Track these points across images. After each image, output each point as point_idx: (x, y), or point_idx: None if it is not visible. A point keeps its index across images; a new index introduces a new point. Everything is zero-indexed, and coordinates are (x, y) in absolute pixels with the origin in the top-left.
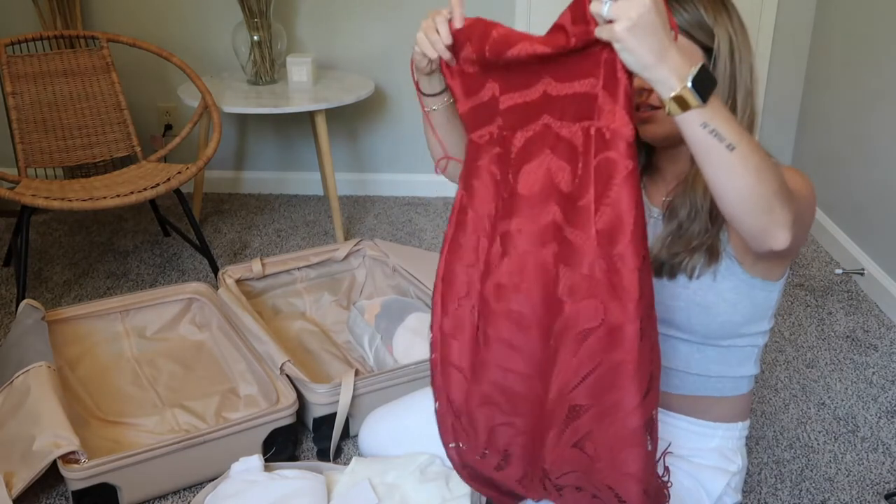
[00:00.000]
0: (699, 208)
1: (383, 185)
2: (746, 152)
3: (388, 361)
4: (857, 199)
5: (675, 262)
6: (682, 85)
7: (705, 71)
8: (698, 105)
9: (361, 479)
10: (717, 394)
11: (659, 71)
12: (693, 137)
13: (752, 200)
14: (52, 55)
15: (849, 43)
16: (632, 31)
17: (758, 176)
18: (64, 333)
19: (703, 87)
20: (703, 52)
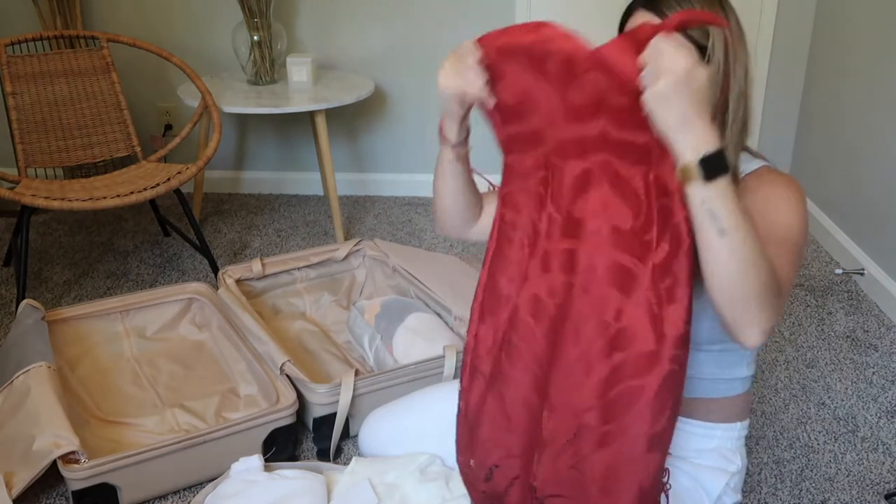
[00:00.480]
0: None
1: (383, 185)
2: (736, 243)
3: (388, 361)
4: (858, 199)
5: None
6: (692, 159)
7: (720, 154)
8: (700, 182)
9: (361, 479)
10: (713, 395)
11: (677, 138)
12: (692, 209)
13: (729, 293)
14: (52, 55)
15: (848, 43)
16: (656, 97)
17: (742, 270)
18: (64, 333)
19: (711, 168)
20: (697, 49)
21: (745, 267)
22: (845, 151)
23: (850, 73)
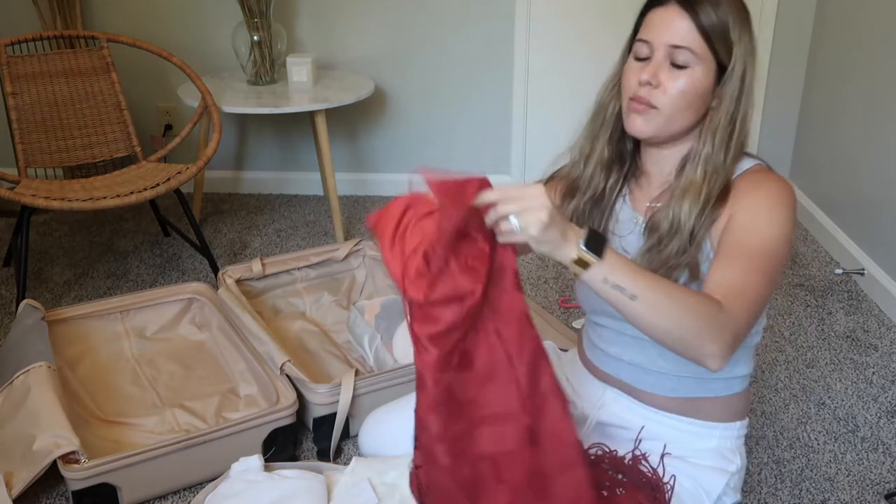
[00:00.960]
0: (681, 225)
1: (383, 185)
2: (651, 301)
3: (388, 361)
4: (858, 199)
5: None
6: (577, 249)
7: (593, 232)
8: (596, 261)
9: (361, 478)
10: (711, 394)
11: (563, 249)
12: (601, 293)
13: (669, 342)
14: (52, 55)
15: (849, 43)
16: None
17: (668, 320)
18: (64, 333)
19: (594, 246)
20: (716, 65)
21: (669, 317)
22: (845, 151)
23: (850, 73)
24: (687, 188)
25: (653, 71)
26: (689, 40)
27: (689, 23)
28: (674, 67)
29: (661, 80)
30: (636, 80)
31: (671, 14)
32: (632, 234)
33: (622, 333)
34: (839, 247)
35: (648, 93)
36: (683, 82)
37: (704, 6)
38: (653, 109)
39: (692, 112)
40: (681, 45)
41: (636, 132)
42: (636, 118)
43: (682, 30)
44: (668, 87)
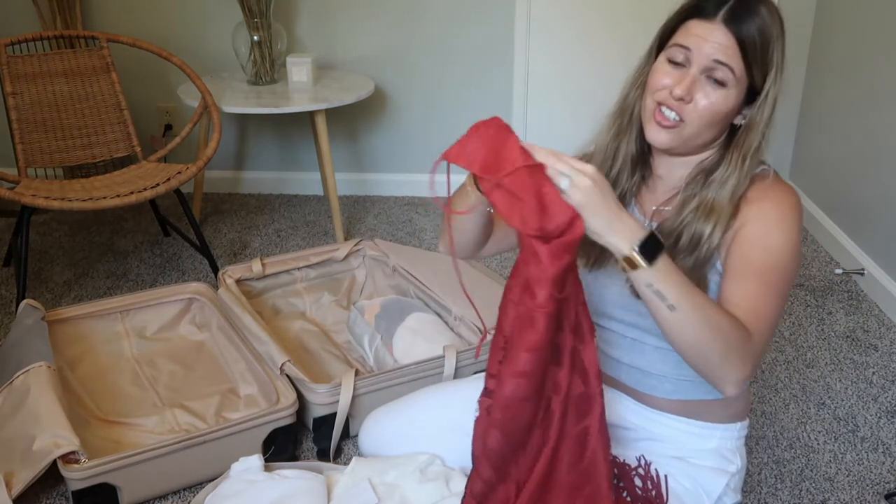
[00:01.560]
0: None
1: (383, 185)
2: (687, 314)
3: (388, 361)
4: (858, 200)
5: None
6: (630, 250)
7: (653, 237)
8: (645, 267)
9: (361, 478)
10: (711, 396)
11: (611, 239)
12: (641, 293)
13: (693, 357)
14: (52, 55)
15: (848, 43)
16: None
17: (699, 336)
18: (64, 333)
19: (649, 252)
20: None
21: (701, 333)
22: (845, 151)
23: (851, 73)
24: (712, 209)
25: (688, 86)
26: (731, 59)
27: (734, 41)
28: (709, 83)
29: (695, 96)
30: (667, 88)
31: (716, 29)
32: None
33: (623, 336)
34: (839, 247)
35: (679, 106)
36: (717, 101)
37: (752, 25)
38: (679, 124)
39: (717, 129)
40: (722, 61)
41: (657, 143)
42: (660, 130)
43: (728, 48)
44: (701, 104)
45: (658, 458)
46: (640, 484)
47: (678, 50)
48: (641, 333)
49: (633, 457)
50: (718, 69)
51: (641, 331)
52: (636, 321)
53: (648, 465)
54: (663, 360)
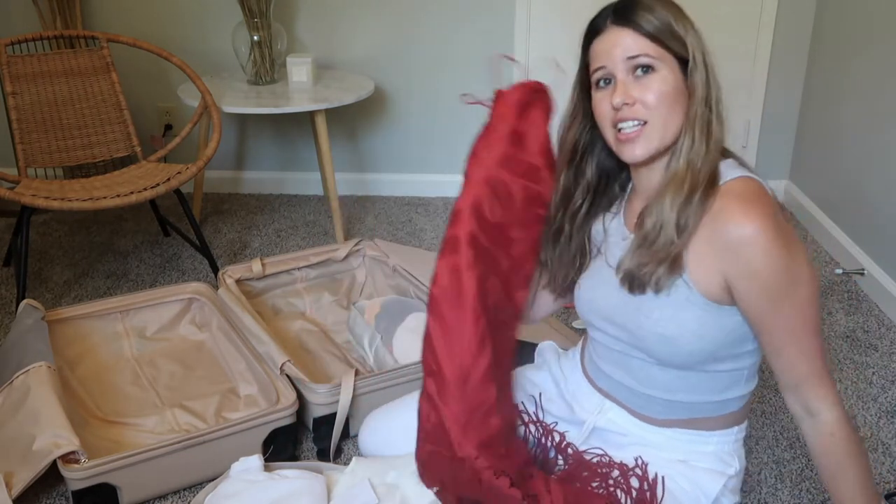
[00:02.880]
0: (665, 219)
1: (383, 185)
2: None
3: (388, 361)
4: (858, 200)
5: (642, 273)
6: None
7: None
8: None
9: (361, 479)
10: (706, 415)
11: None
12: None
13: None
14: (52, 55)
15: (848, 43)
16: None
17: None
18: (64, 333)
19: None
20: (677, 62)
21: None
22: (845, 152)
23: (851, 73)
24: (669, 181)
25: (622, 90)
26: (642, 47)
27: (633, 34)
28: (640, 77)
29: (635, 94)
30: (610, 107)
31: (613, 35)
32: (618, 249)
33: (610, 349)
34: (839, 247)
35: (628, 113)
36: (656, 86)
37: (640, 14)
38: (644, 126)
39: (679, 113)
40: (636, 54)
41: (635, 158)
42: (632, 147)
43: (630, 42)
44: (645, 97)
45: (655, 460)
46: (637, 485)
47: (597, 74)
48: (626, 346)
49: (630, 458)
50: (637, 60)
51: (626, 344)
52: (619, 334)
53: (646, 466)
54: (651, 380)
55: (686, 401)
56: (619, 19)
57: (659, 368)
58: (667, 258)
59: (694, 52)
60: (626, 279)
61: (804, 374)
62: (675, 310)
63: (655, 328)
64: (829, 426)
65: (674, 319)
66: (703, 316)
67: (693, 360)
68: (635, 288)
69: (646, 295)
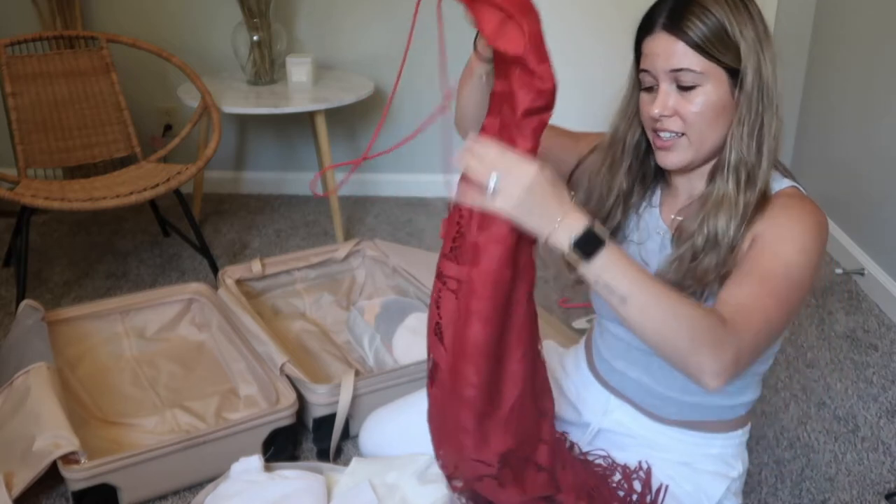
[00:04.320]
0: (718, 240)
1: (383, 185)
2: (641, 304)
3: (387, 362)
4: (858, 199)
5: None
6: (566, 246)
7: (588, 232)
8: (585, 264)
9: (361, 479)
10: (715, 418)
11: (545, 237)
12: (594, 288)
13: (661, 349)
14: (52, 55)
15: (848, 44)
16: (515, 209)
17: (660, 326)
18: (64, 334)
19: (585, 247)
20: (726, 73)
21: (661, 322)
22: (845, 151)
23: (850, 73)
24: (720, 201)
25: (662, 102)
26: (687, 61)
27: (681, 44)
28: (682, 90)
29: (674, 107)
30: (650, 114)
31: (661, 40)
32: (654, 244)
33: (630, 346)
34: (839, 247)
35: (667, 123)
36: (698, 103)
37: (691, 20)
38: (680, 138)
39: (720, 127)
40: (680, 67)
41: (669, 165)
42: (666, 154)
43: (677, 53)
44: (684, 112)
45: (660, 463)
46: (640, 488)
47: (644, 76)
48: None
49: (634, 460)
50: (681, 76)
51: None
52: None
53: (650, 470)
54: (669, 380)
55: (700, 403)
56: (669, 23)
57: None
58: (715, 281)
59: (746, 64)
60: None
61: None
62: None
63: None
64: None
65: None
66: None
67: None
68: None
69: None
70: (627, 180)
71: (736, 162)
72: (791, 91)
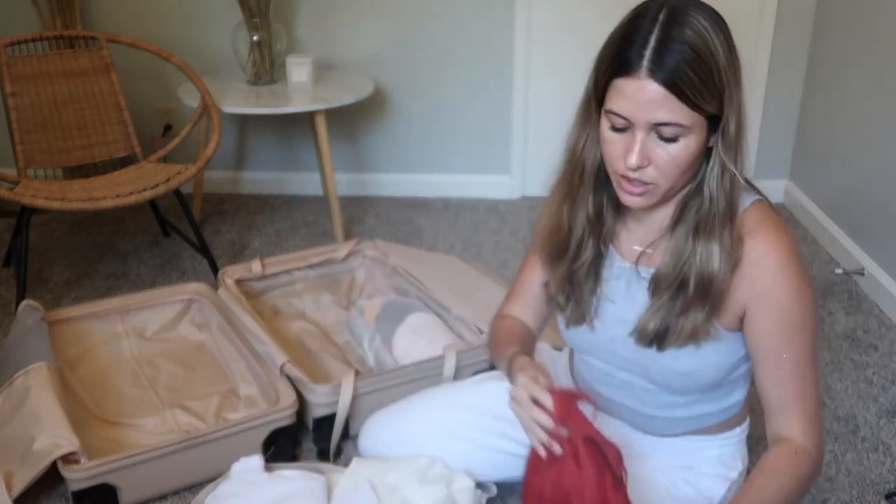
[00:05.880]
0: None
1: (383, 185)
2: None
3: (387, 362)
4: (858, 199)
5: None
6: None
7: None
8: None
9: (362, 479)
10: (707, 424)
11: None
12: None
13: None
14: (52, 55)
15: (849, 43)
16: None
17: None
18: (64, 334)
19: None
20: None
21: None
22: (845, 151)
23: (851, 73)
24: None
25: (640, 153)
26: (672, 112)
27: (668, 93)
28: (661, 140)
29: (651, 157)
30: (621, 160)
31: (645, 87)
32: (617, 280)
33: (613, 376)
34: (839, 247)
35: (640, 174)
36: (677, 153)
37: (682, 68)
38: (650, 186)
39: (691, 171)
40: (663, 121)
41: (633, 206)
42: (630, 198)
43: (665, 106)
44: (661, 163)
45: (659, 467)
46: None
47: (615, 118)
48: (631, 375)
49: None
50: (664, 129)
51: (631, 373)
52: (627, 366)
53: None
54: (656, 402)
55: (689, 416)
56: (656, 69)
57: (668, 393)
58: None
59: (729, 112)
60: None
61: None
62: (696, 346)
63: (674, 365)
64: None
65: (695, 355)
66: (723, 347)
67: (709, 387)
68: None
69: None
70: (594, 206)
71: (717, 211)
72: (791, 91)
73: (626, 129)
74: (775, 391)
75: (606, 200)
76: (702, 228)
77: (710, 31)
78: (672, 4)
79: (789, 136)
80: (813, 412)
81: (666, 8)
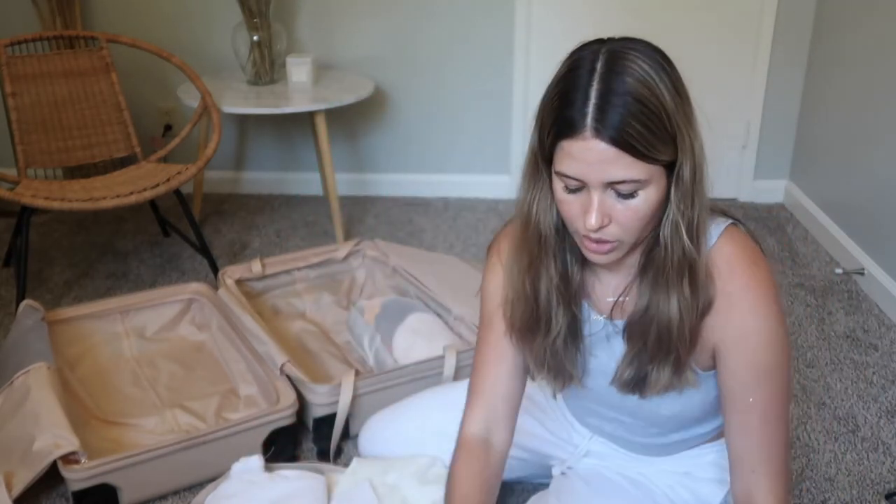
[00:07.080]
0: (672, 327)
1: (383, 185)
2: None
3: (387, 362)
4: (858, 199)
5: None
6: None
7: None
8: None
9: (362, 479)
10: (702, 441)
11: None
12: None
13: None
14: (52, 55)
15: (849, 43)
16: None
17: None
18: (64, 334)
19: None
20: (664, 169)
21: None
22: (845, 151)
23: (851, 73)
24: (660, 297)
25: (600, 214)
26: (629, 171)
27: (618, 153)
28: (620, 197)
29: (611, 214)
30: (580, 220)
31: (593, 148)
32: (597, 334)
33: (601, 414)
34: (839, 247)
35: (603, 233)
36: (637, 208)
37: (629, 123)
38: (615, 243)
39: (654, 221)
40: (617, 180)
41: (603, 264)
42: (599, 256)
43: (618, 164)
44: (623, 219)
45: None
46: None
47: (567, 180)
48: (619, 414)
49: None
50: (620, 187)
51: (618, 412)
52: (613, 408)
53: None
54: (644, 430)
55: (680, 439)
56: (601, 128)
57: (657, 427)
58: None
59: (682, 157)
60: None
61: (762, 462)
62: (678, 392)
63: (659, 410)
64: None
65: (678, 400)
66: (704, 387)
67: (697, 421)
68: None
69: None
70: (558, 271)
71: (682, 252)
72: (791, 92)
73: (580, 190)
74: (740, 440)
75: (571, 258)
76: (660, 279)
77: (652, 76)
78: (608, 50)
79: (789, 136)
80: (779, 467)
81: (602, 56)
